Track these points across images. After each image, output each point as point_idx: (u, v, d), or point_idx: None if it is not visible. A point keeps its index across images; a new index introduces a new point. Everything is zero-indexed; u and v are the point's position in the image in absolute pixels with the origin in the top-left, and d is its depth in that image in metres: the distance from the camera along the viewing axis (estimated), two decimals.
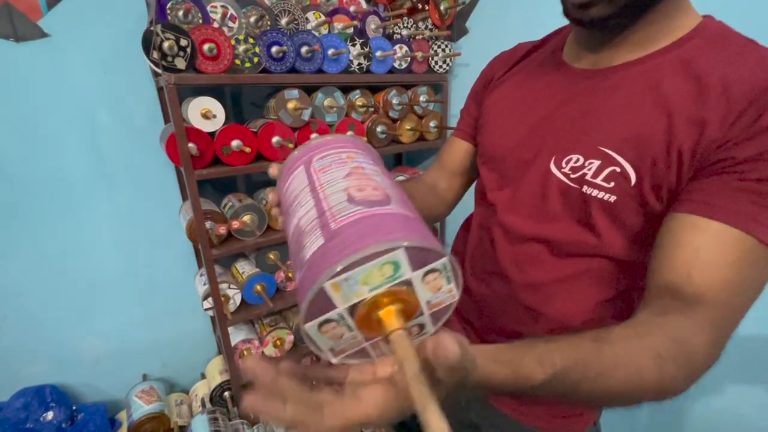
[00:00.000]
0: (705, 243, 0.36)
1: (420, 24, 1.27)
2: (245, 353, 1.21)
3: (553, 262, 0.50)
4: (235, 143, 0.99)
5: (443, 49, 1.29)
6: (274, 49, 0.98)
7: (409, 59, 1.22)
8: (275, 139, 1.04)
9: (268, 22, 1.01)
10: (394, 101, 1.24)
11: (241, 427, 1.20)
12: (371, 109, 1.22)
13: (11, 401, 1.14)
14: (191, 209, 1.01)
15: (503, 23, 1.19)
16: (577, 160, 0.45)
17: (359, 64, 1.13)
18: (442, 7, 1.24)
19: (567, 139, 0.47)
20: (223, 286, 1.13)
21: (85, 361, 1.28)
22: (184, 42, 0.85)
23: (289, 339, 1.28)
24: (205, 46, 0.88)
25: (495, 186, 0.57)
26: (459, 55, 1.29)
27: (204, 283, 1.19)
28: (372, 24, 1.17)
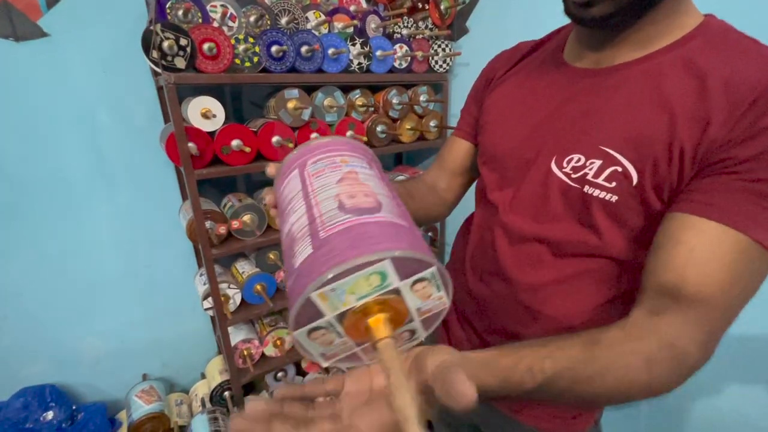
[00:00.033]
0: (701, 243, 0.36)
1: (420, 23, 1.27)
2: (245, 353, 1.21)
3: (554, 263, 0.50)
4: (235, 143, 0.99)
5: (443, 49, 1.29)
6: (274, 48, 0.97)
7: (409, 59, 1.22)
8: (275, 139, 1.04)
9: (268, 22, 1.00)
10: (394, 101, 1.24)
11: None
12: (371, 108, 1.22)
13: (11, 401, 1.13)
14: (191, 209, 1.01)
15: (503, 23, 1.18)
16: (579, 160, 0.45)
17: (359, 64, 1.13)
18: (442, 7, 1.24)
19: (568, 139, 0.47)
20: (223, 285, 1.13)
21: (85, 361, 1.28)
22: (183, 41, 0.85)
23: (289, 339, 1.28)
24: (205, 46, 0.88)
25: (496, 186, 0.57)
26: (459, 54, 1.29)
27: (204, 283, 1.19)
28: (372, 23, 1.17)
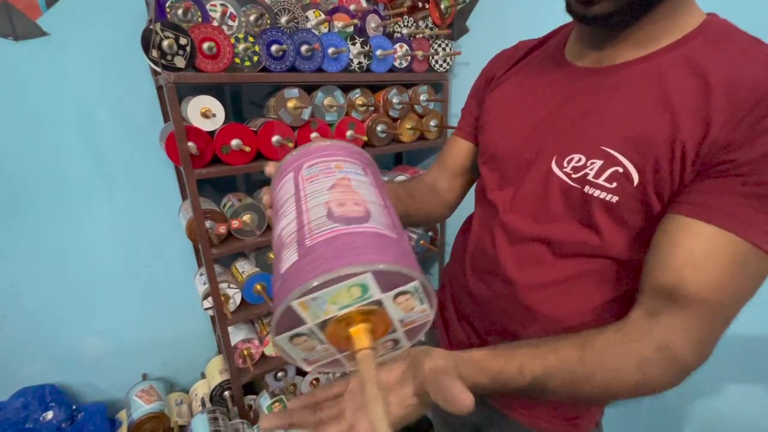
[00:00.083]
0: (699, 246, 0.36)
1: (420, 23, 1.27)
2: (245, 353, 1.21)
3: (554, 263, 0.50)
4: (234, 142, 0.99)
5: (444, 48, 1.28)
6: (273, 47, 0.97)
7: (409, 58, 1.21)
8: (275, 138, 1.03)
9: (268, 21, 1.00)
10: (395, 100, 1.24)
11: (241, 426, 1.20)
12: (371, 108, 1.22)
13: (11, 401, 1.13)
14: (191, 208, 1.01)
15: (504, 22, 1.18)
16: (579, 160, 0.45)
17: (359, 63, 1.13)
18: (442, 6, 1.24)
19: (568, 139, 0.47)
20: (223, 285, 1.13)
21: (85, 361, 1.28)
22: (183, 40, 0.85)
23: None
24: (205, 45, 0.88)
25: (496, 186, 0.57)
26: (459, 54, 1.29)
27: (204, 283, 1.19)
28: (372, 23, 1.17)
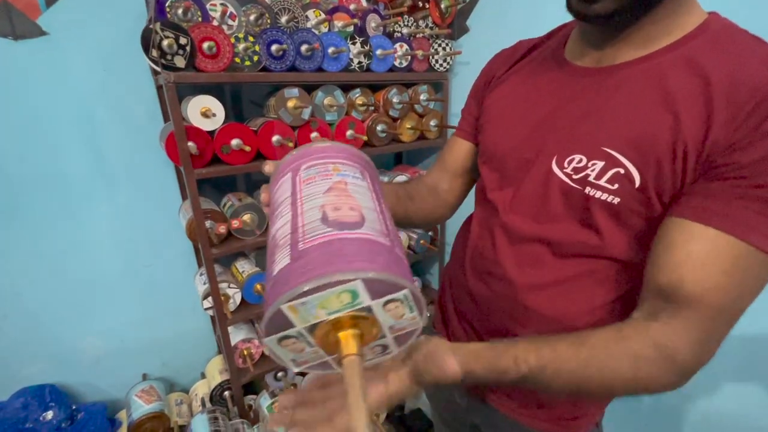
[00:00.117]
0: (698, 248, 0.37)
1: (420, 22, 1.27)
2: (245, 353, 1.21)
3: (555, 263, 0.50)
4: (234, 142, 0.99)
5: (444, 48, 1.28)
6: (273, 47, 0.97)
7: (409, 58, 1.21)
8: (275, 138, 1.03)
9: (268, 20, 1.00)
10: (395, 100, 1.24)
11: (241, 426, 1.20)
12: (371, 107, 1.21)
13: (11, 401, 1.13)
14: (191, 208, 1.01)
15: (504, 21, 1.18)
16: (580, 161, 0.45)
17: (359, 63, 1.13)
18: (442, 5, 1.24)
19: (569, 139, 0.46)
20: (223, 285, 1.13)
21: (85, 361, 1.28)
22: (183, 40, 0.84)
23: None
24: (205, 45, 0.88)
25: (496, 185, 0.56)
26: (460, 53, 1.28)
27: (204, 283, 1.19)
28: (372, 22, 1.17)
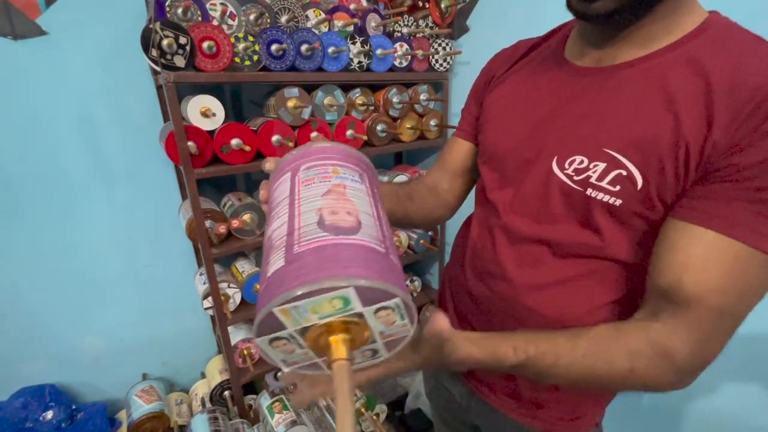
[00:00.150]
0: (698, 251, 0.37)
1: (420, 22, 1.27)
2: (245, 353, 1.21)
3: (555, 263, 0.50)
4: (234, 142, 0.99)
5: (444, 48, 1.28)
6: (273, 47, 0.97)
7: (409, 57, 1.21)
8: (275, 138, 1.03)
9: (268, 20, 1.00)
10: (395, 100, 1.24)
11: (241, 426, 1.20)
12: (371, 107, 1.21)
13: (10, 401, 1.13)
14: (191, 208, 1.01)
15: (504, 21, 1.18)
16: (581, 162, 0.44)
17: (359, 63, 1.13)
18: (442, 5, 1.23)
19: (570, 140, 0.46)
20: (223, 285, 1.13)
21: (85, 360, 1.28)
22: (183, 40, 0.84)
23: None
24: (205, 44, 0.88)
25: (496, 185, 0.56)
26: (460, 53, 1.28)
27: (204, 282, 1.19)
28: (372, 22, 1.17)
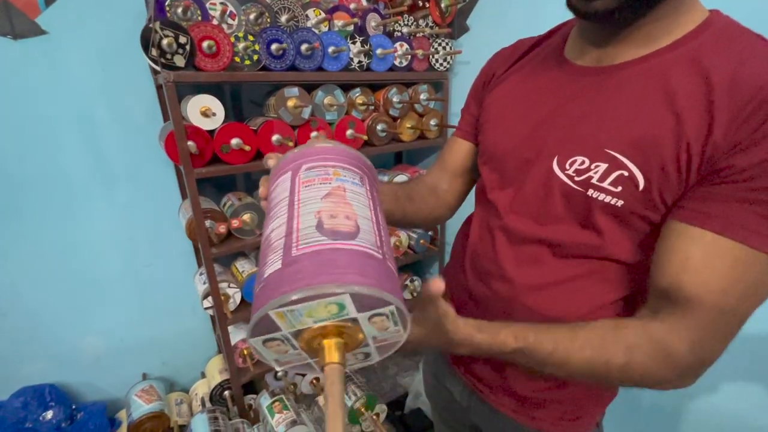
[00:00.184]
0: (698, 252, 0.37)
1: (420, 21, 1.26)
2: (245, 352, 1.21)
3: (555, 264, 0.50)
4: (234, 141, 0.99)
5: (444, 47, 1.28)
6: (273, 46, 0.97)
7: (409, 57, 1.21)
8: (275, 138, 1.03)
9: (268, 20, 1.00)
10: (395, 99, 1.24)
11: (242, 426, 1.20)
12: (371, 107, 1.21)
13: (10, 400, 1.13)
14: (191, 208, 1.01)
15: (504, 20, 1.18)
16: (582, 162, 0.44)
17: (359, 62, 1.13)
18: (442, 5, 1.23)
19: (570, 140, 0.46)
20: (223, 285, 1.13)
21: (85, 360, 1.28)
22: (183, 39, 0.84)
23: None
24: (205, 44, 0.88)
25: (496, 186, 0.56)
26: (460, 52, 1.28)
27: (204, 282, 1.19)
28: (372, 21, 1.17)
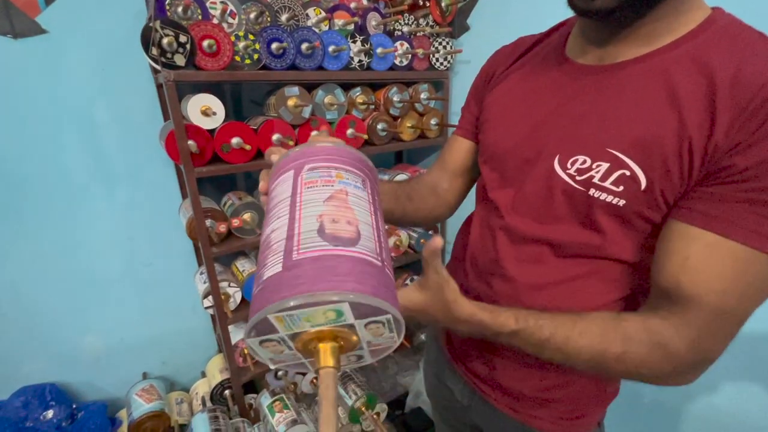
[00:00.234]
0: (697, 252, 0.37)
1: (421, 21, 1.26)
2: (245, 352, 1.21)
3: (556, 263, 0.49)
4: (235, 141, 0.99)
5: (444, 46, 1.28)
6: (274, 45, 0.97)
7: (410, 56, 1.21)
8: (275, 137, 1.03)
9: (268, 19, 1.00)
10: (395, 98, 1.24)
11: (242, 425, 1.20)
12: (372, 106, 1.21)
13: (11, 400, 1.13)
14: (191, 207, 1.00)
15: (505, 20, 1.18)
16: (584, 162, 0.44)
17: (360, 61, 1.12)
18: (443, 4, 1.23)
19: (571, 139, 0.46)
20: (224, 284, 1.13)
21: (85, 360, 1.28)
22: (183, 38, 0.84)
23: None
24: (205, 43, 0.88)
25: (497, 185, 0.56)
26: (460, 52, 1.28)
27: (204, 282, 1.19)
28: (373, 21, 1.17)
